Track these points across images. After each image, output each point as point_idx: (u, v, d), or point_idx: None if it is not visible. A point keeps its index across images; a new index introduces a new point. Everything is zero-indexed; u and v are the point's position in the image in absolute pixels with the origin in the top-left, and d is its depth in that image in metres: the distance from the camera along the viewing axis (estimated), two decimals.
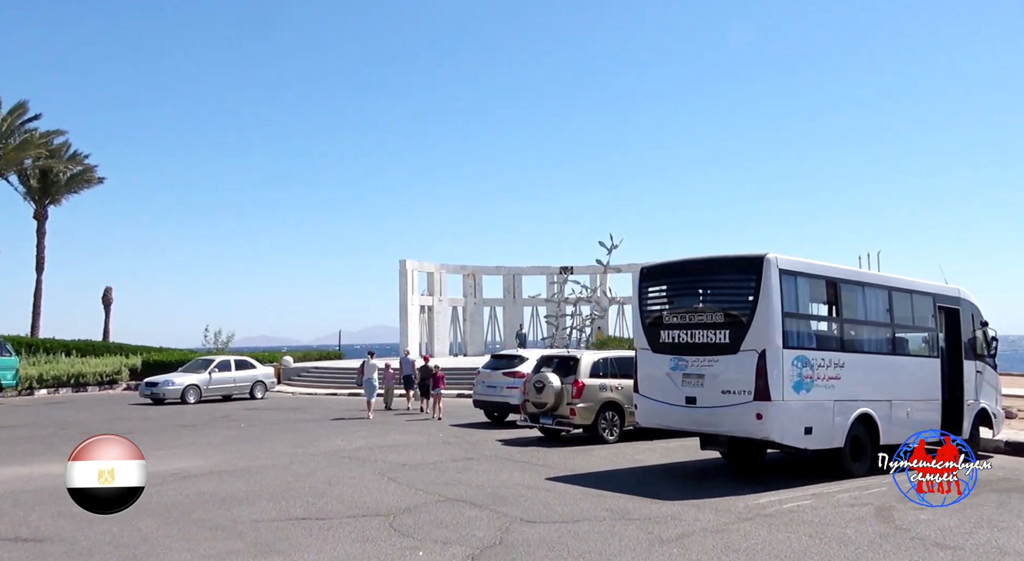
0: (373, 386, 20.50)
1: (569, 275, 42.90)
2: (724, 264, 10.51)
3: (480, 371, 18.42)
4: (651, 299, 11.37)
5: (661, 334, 10.90)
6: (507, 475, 10.85)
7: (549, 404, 14.42)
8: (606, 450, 13.53)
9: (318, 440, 15.07)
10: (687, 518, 8.09)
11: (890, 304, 11.49)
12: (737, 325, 10.00)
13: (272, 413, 21.58)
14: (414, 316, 44.08)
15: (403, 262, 43.92)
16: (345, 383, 31.02)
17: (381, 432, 16.43)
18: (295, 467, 11.66)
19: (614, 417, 14.51)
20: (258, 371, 27.38)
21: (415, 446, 14.04)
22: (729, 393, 9.95)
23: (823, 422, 10.14)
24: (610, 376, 14.76)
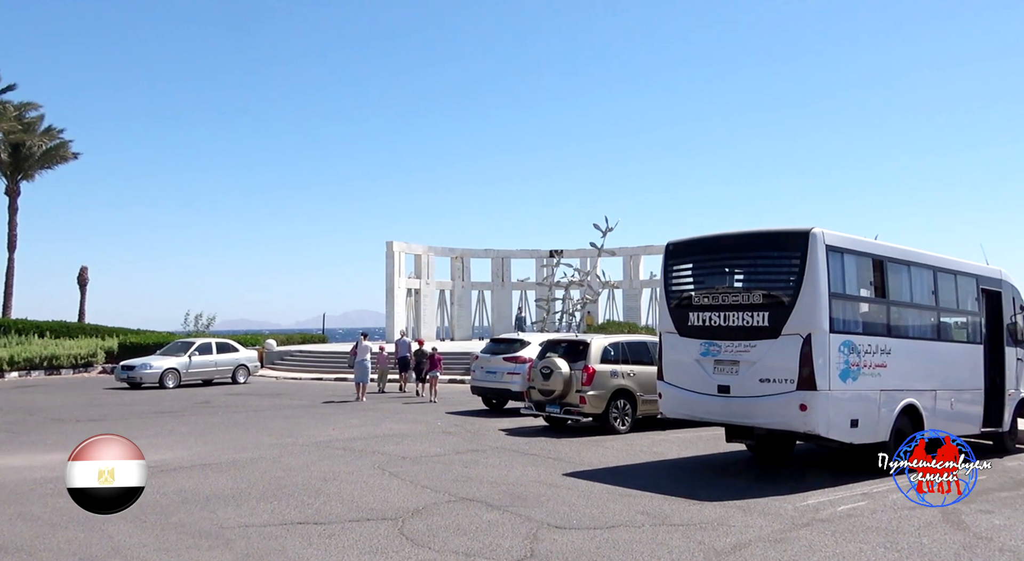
0: (366, 368, 20.05)
1: (560, 258, 41.90)
2: (764, 239, 9.56)
3: (479, 356, 17.42)
4: (679, 278, 10.41)
5: (690, 316, 9.96)
6: (519, 470, 9.89)
7: (557, 392, 13.46)
8: (619, 441, 12.62)
9: (308, 428, 14.02)
10: (736, 524, 7.16)
11: (935, 286, 10.62)
12: (778, 307, 9.07)
13: (256, 399, 20.47)
14: (401, 299, 42.95)
15: (390, 244, 42.74)
16: (331, 367, 29.94)
17: (375, 420, 15.41)
18: (286, 460, 10.62)
19: (626, 406, 13.59)
20: (241, 355, 26.21)
21: (414, 436, 13.04)
22: (768, 382, 9.04)
23: (869, 414, 9.27)
24: (621, 362, 13.82)
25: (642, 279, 47.36)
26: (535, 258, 48.93)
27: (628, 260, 46.63)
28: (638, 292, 47.31)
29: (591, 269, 41.04)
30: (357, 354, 20.35)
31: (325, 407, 18.17)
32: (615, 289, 44.83)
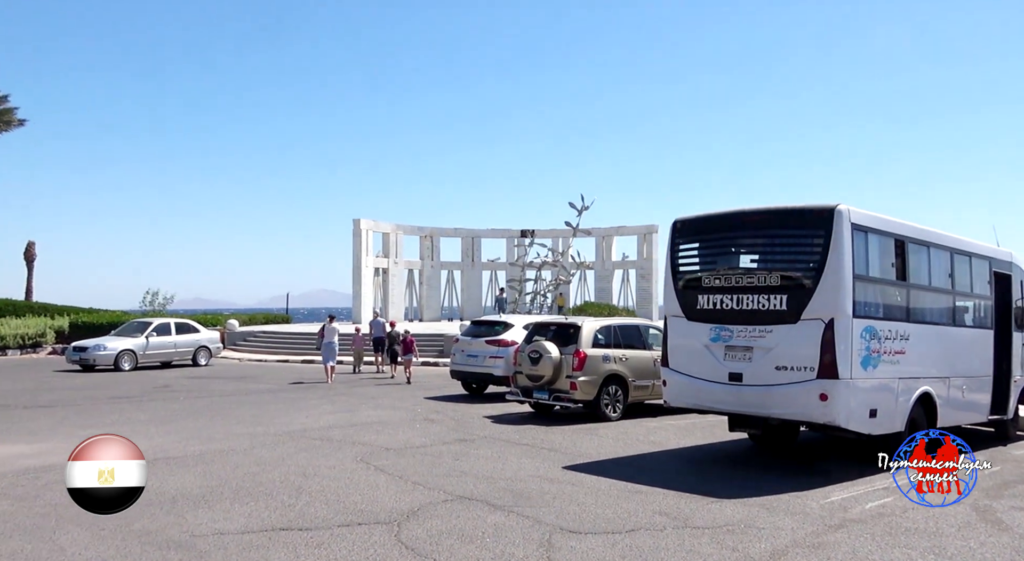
0: (333, 350, 19.55)
1: (533, 238, 41.15)
2: (784, 217, 8.91)
3: (459, 339, 16.63)
4: (687, 258, 9.74)
5: (699, 299, 9.31)
6: (515, 463, 9.18)
7: (546, 377, 12.76)
8: (613, 429, 11.99)
9: (279, 415, 13.13)
10: (763, 525, 6.55)
11: (952, 268, 10.13)
12: (798, 289, 8.45)
13: (220, 382, 19.43)
14: (368, 279, 41.84)
15: (357, 221, 41.53)
16: (297, 349, 28.88)
17: (351, 406, 14.56)
18: (258, 452, 9.75)
19: (617, 392, 12.96)
20: (202, 335, 25.00)
21: (394, 424, 12.25)
22: (785, 369, 8.44)
23: (887, 404, 8.75)
24: (613, 346, 13.17)
25: (614, 260, 46.96)
26: (506, 238, 48.10)
27: (600, 241, 46.09)
28: (610, 273, 46.87)
29: (565, 249, 40.37)
30: (325, 336, 19.88)
31: (295, 391, 17.25)
32: (588, 270, 44.26)
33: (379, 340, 22.10)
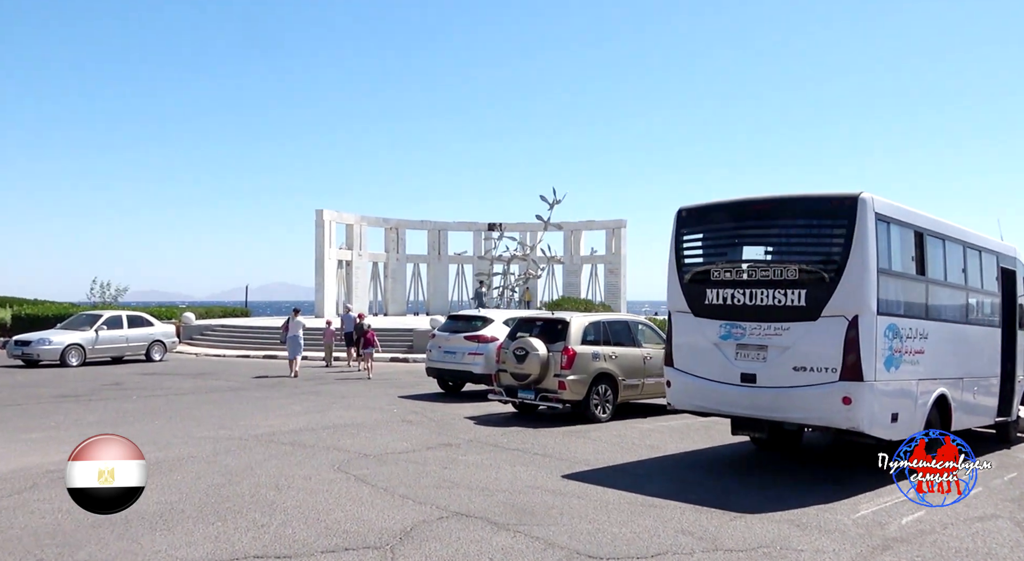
0: (299, 344, 19.34)
1: (502, 232, 40.34)
2: (802, 205, 8.28)
3: (435, 334, 15.77)
4: (693, 249, 9.07)
5: (707, 294, 8.64)
6: (509, 471, 8.42)
7: (533, 376, 12.01)
8: (605, 431, 11.30)
9: (244, 416, 12.15)
10: (803, 547, 5.90)
11: (964, 263, 9.65)
12: (818, 284, 7.83)
13: (176, 379, 18.26)
14: (331, 271, 40.67)
15: (320, 212, 40.30)
16: (258, 343, 27.68)
17: (320, 405, 13.62)
18: (223, 460, 8.82)
19: (607, 392, 12.28)
20: (155, 329, 23.68)
21: (370, 426, 11.38)
22: (804, 370, 7.82)
23: (908, 407, 8.20)
24: (603, 343, 12.48)
25: (583, 255, 46.46)
26: (473, 231, 47.27)
27: (569, 235, 45.56)
28: (579, 268, 46.40)
29: (535, 244, 39.70)
30: (290, 330, 19.52)
31: (258, 389, 16.22)
32: (558, 264, 43.65)
33: (349, 335, 21.65)
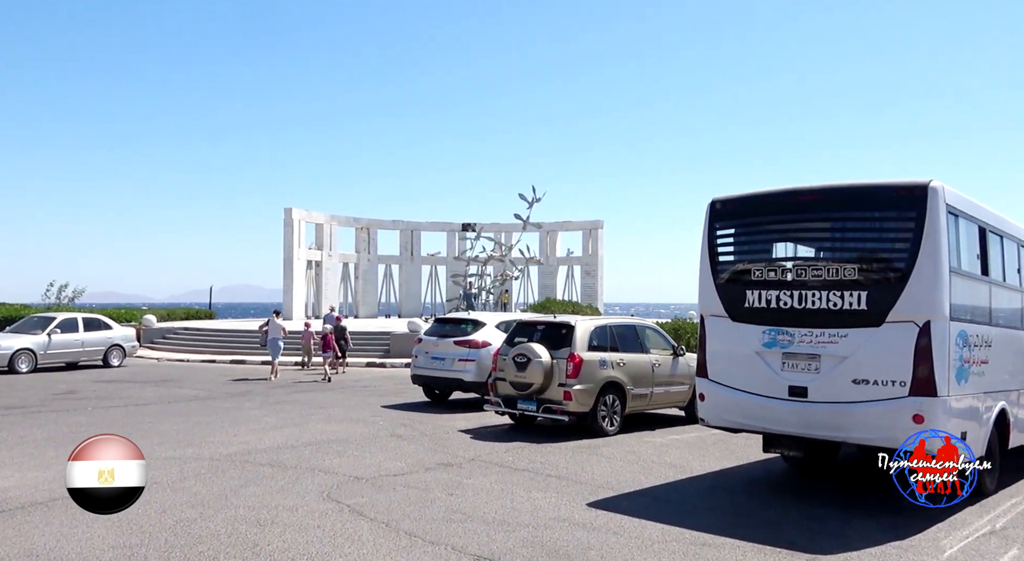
0: (278, 347, 18.92)
1: (480, 232, 39.18)
2: (861, 195, 7.33)
3: (422, 339, 14.61)
4: (729, 246, 8.10)
5: (747, 295, 7.67)
6: (525, 498, 7.35)
7: (536, 385, 10.95)
8: (615, 446, 10.27)
9: (214, 431, 10.89)
10: None
11: (1019, 262, 8.84)
12: (882, 285, 6.91)
13: (137, 388, 16.84)
14: (300, 272, 39.19)
15: (289, 211, 38.83)
16: (224, 347, 26.19)
17: (298, 417, 12.39)
18: (192, 486, 7.60)
19: (615, 402, 11.25)
20: (114, 333, 22.11)
21: (357, 442, 10.22)
22: (866, 384, 6.89)
23: (975, 425, 7.31)
24: (609, 349, 11.46)
25: (559, 256, 45.56)
26: (447, 231, 46.10)
27: (545, 236, 44.62)
28: (554, 269, 45.50)
29: (514, 244, 38.64)
30: (269, 332, 19.10)
31: (228, 399, 14.90)
32: (538, 265, 42.66)
33: None
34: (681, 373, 12.34)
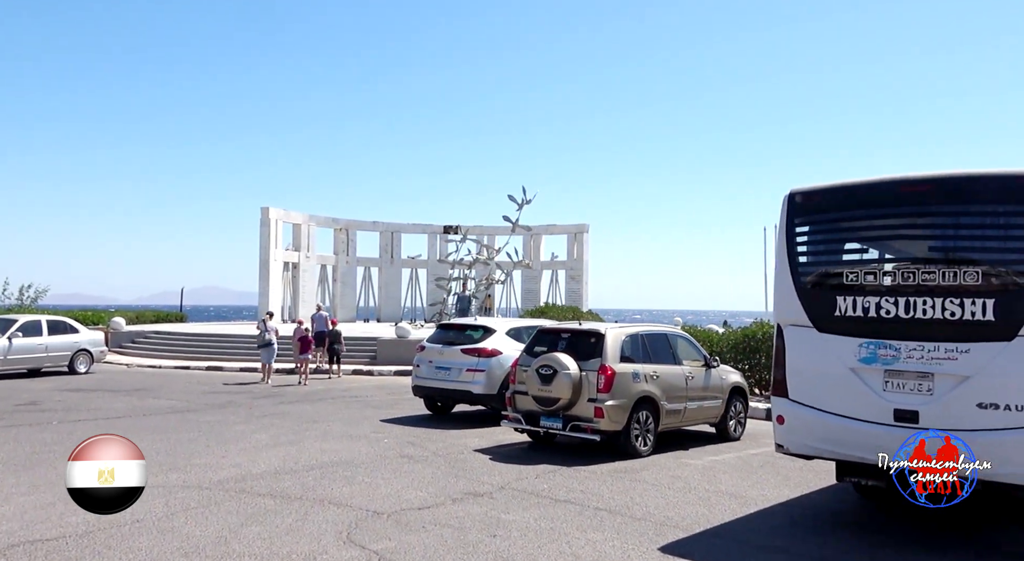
0: (273, 350, 18.68)
1: (466, 234, 37.93)
2: (981, 186, 6.27)
3: (424, 346, 13.36)
4: (815, 244, 7.05)
5: (838, 303, 6.61)
6: (582, 540, 6.20)
7: (563, 400, 9.79)
8: (654, 470, 9.15)
9: (199, 451, 9.57)
10: None
11: None
12: (1014, 292, 5.89)
13: (107, 397, 15.37)
14: (276, 274, 37.59)
15: (266, 210, 37.25)
16: (200, 353, 24.66)
17: (291, 433, 11.09)
18: (183, 525, 6.33)
19: (648, 420, 10.14)
20: (81, 336, 20.53)
21: (365, 464, 8.98)
22: (996, 408, 5.86)
23: None
24: (642, 360, 10.36)
25: (543, 260, 44.48)
26: (428, 233, 44.79)
27: (529, 240, 43.49)
28: (538, 274, 44.39)
29: (502, 247, 37.47)
30: (264, 334, 18.87)
31: (209, 411, 13.52)
32: (526, 269, 41.56)
33: (320, 335, 20.67)
34: (714, 386, 11.29)
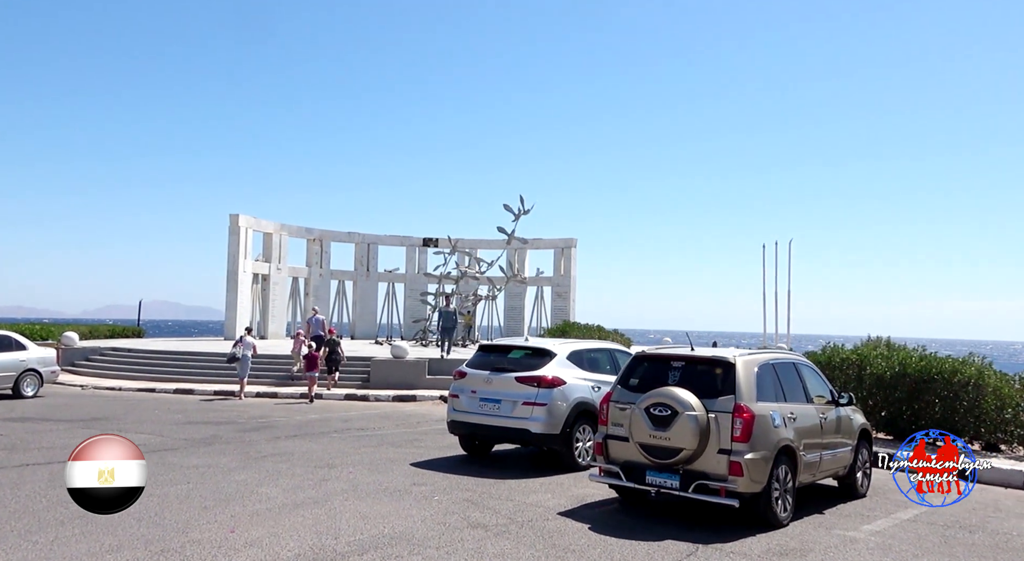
0: (247, 364, 18.39)
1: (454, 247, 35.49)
2: None
3: (467, 373, 10.88)
4: None
5: None
6: None
7: (686, 451, 7.47)
8: (819, 553, 6.90)
9: (196, 519, 7.01)
10: None
11: None
12: None
13: (61, 430, 12.56)
14: (245, 286, 34.61)
15: (235, 217, 34.38)
16: (164, 373, 21.67)
17: (311, 488, 8.52)
18: None
19: (787, 476, 7.88)
20: (29, 354, 17.51)
21: (427, 542, 6.53)
22: None
23: None
24: (774, 397, 8.11)
25: (528, 276, 42.23)
26: (406, 246, 42.22)
27: (513, 254, 41.23)
28: (522, 291, 42.08)
29: (495, 260, 35.19)
30: (241, 350, 18.37)
31: (192, 449, 10.85)
32: (520, 284, 39.27)
33: (318, 338, 20.36)
34: (844, 430, 9.10)
